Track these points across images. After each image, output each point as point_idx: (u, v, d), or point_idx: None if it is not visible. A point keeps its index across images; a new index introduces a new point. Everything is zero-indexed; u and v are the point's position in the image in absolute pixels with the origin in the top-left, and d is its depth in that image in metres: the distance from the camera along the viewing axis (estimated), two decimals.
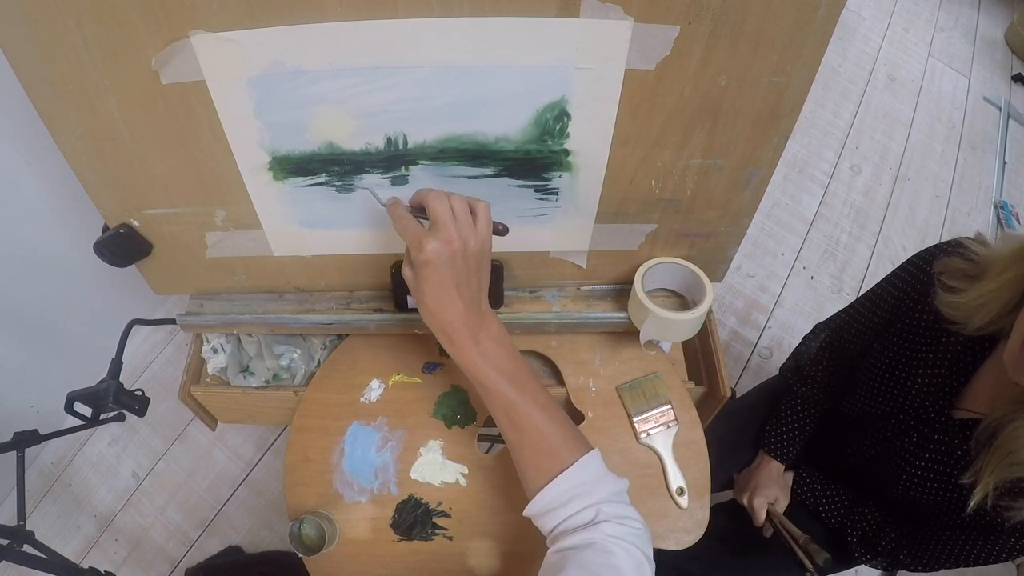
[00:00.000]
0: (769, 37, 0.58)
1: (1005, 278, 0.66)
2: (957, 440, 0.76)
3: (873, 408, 0.87)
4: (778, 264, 1.92)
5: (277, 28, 0.57)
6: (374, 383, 0.91)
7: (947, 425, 0.77)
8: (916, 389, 0.80)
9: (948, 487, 0.78)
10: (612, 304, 0.88)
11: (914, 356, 0.80)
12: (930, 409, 0.79)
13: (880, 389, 0.85)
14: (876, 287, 0.90)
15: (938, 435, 0.78)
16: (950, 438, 0.77)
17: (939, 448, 0.78)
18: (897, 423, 0.83)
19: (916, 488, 0.81)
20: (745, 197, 0.76)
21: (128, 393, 0.95)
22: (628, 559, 0.55)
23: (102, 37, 0.57)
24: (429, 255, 0.57)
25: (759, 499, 0.98)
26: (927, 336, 0.79)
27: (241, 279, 0.86)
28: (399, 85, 0.62)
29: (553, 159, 0.70)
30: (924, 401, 0.79)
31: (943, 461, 0.78)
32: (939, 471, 0.78)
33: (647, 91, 0.63)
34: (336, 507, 0.83)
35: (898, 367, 0.82)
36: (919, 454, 0.80)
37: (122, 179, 0.71)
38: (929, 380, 0.78)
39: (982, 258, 0.71)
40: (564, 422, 0.64)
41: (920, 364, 0.80)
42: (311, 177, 0.71)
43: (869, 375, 0.87)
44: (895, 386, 0.83)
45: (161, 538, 1.46)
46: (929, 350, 0.79)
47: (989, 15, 2.72)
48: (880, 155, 2.18)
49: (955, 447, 0.76)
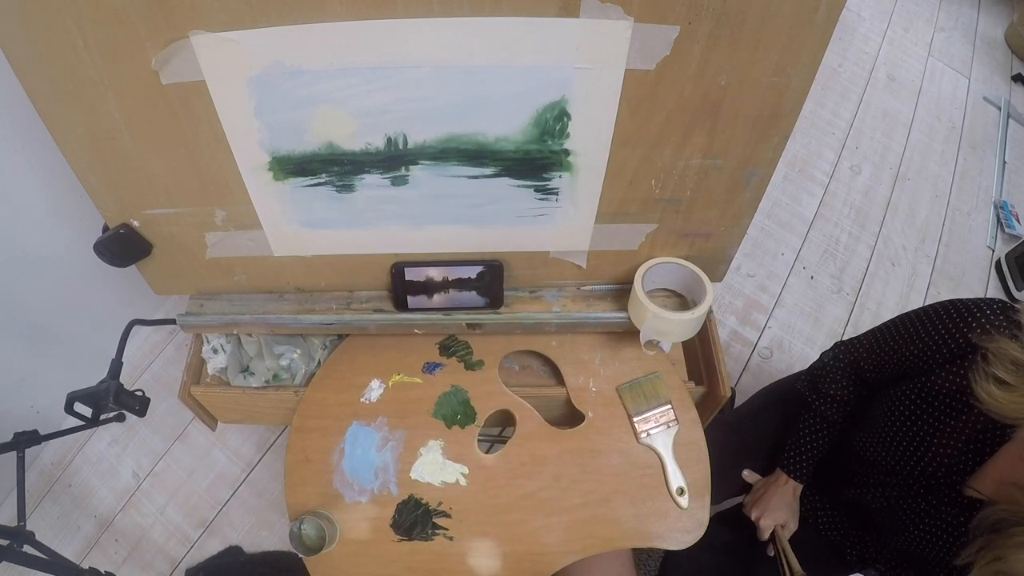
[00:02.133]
0: (769, 37, 0.58)
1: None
2: (962, 518, 0.73)
3: (884, 461, 0.83)
4: (778, 264, 1.92)
5: (277, 28, 0.57)
6: (374, 383, 0.91)
7: (956, 500, 0.74)
8: (930, 457, 0.76)
9: (948, 556, 0.75)
10: (612, 304, 0.88)
11: (932, 422, 0.75)
12: (942, 481, 0.76)
13: (893, 445, 0.81)
14: (904, 326, 0.82)
15: (946, 507, 0.76)
16: (958, 512, 0.74)
17: (946, 519, 0.76)
18: (907, 486, 0.81)
19: (919, 547, 0.80)
20: (745, 197, 0.76)
21: (128, 393, 0.95)
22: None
23: (102, 37, 0.57)
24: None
25: (767, 520, 0.95)
26: (950, 405, 0.73)
27: (241, 279, 0.86)
28: (399, 85, 0.62)
29: (553, 159, 0.70)
30: (937, 471, 0.76)
31: (948, 532, 0.76)
32: (944, 539, 0.76)
33: (647, 91, 0.63)
34: (336, 507, 0.83)
35: (914, 428, 0.78)
36: (926, 520, 0.78)
37: (122, 179, 0.71)
38: (945, 451, 0.74)
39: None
40: None
41: (937, 432, 0.75)
42: (311, 177, 0.71)
43: (883, 424, 0.83)
44: (909, 448, 0.79)
45: (161, 538, 1.46)
46: (950, 420, 0.73)
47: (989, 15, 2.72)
48: (880, 155, 2.18)
49: (959, 523, 0.74)
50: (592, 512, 0.84)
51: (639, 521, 0.83)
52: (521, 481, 0.85)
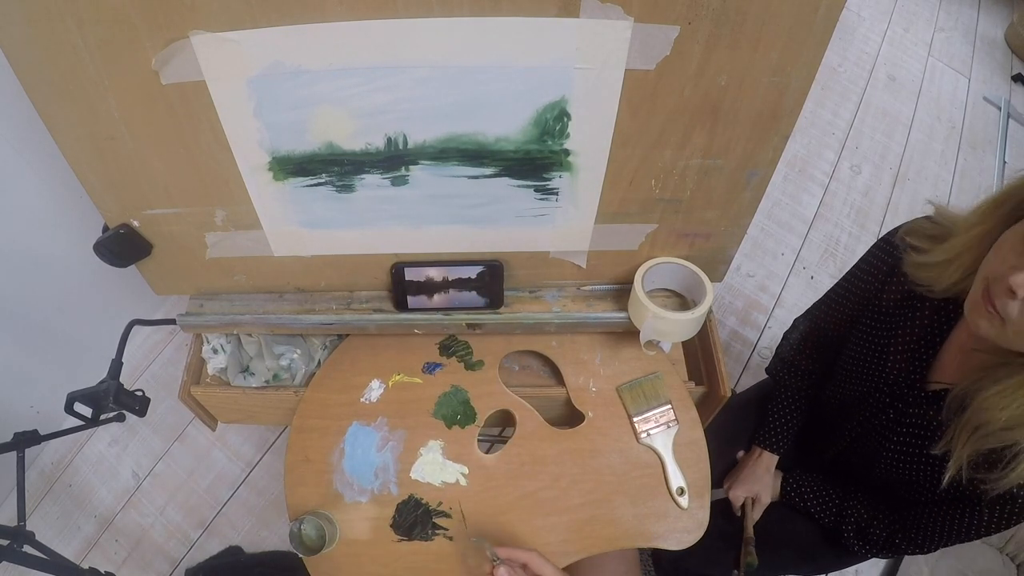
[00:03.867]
0: (769, 37, 0.58)
1: (972, 234, 0.66)
2: (931, 412, 0.76)
3: (852, 391, 0.88)
4: (778, 264, 1.92)
5: (277, 28, 0.57)
6: (374, 383, 0.91)
7: (920, 398, 0.77)
8: (890, 366, 0.81)
9: (925, 461, 0.78)
10: (612, 304, 0.88)
11: (887, 334, 0.81)
12: (903, 384, 0.79)
13: (858, 371, 0.86)
14: (848, 273, 0.91)
15: (912, 408, 0.78)
16: (924, 410, 0.77)
17: (914, 422, 0.78)
18: (875, 402, 0.84)
19: (895, 465, 0.81)
20: (745, 197, 0.76)
21: (128, 393, 0.95)
22: None
23: (102, 37, 0.57)
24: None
25: (737, 492, 1.00)
26: (898, 313, 0.80)
27: (241, 279, 0.86)
28: (399, 85, 0.62)
29: (553, 159, 0.70)
30: (898, 377, 0.80)
31: (919, 435, 0.78)
32: (915, 444, 0.78)
33: (647, 91, 0.63)
34: (336, 507, 0.83)
35: (873, 347, 0.83)
36: (896, 429, 0.80)
37: (122, 179, 0.71)
38: (901, 356, 0.79)
39: (947, 220, 0.72)
40: None
41: (893, 341, 0.80)
42: (311, 177, 0.71)
43: (848, 361, 0.88)
44: (871, 366, 0.84)
45: (161, 538, 1.46)
46: (900, 326, 0.79)
47: (989, 15, 2.72)
48: (880, 155, 2.18)
49: (929, 419, 0.76)
50: (592, 512, 0.84)
51: (639, 521, 0.83)
52: (521, 481, 0.85)
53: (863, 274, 0.87)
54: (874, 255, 0.85)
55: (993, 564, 1.38)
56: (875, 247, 0.85)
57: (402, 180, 0.71)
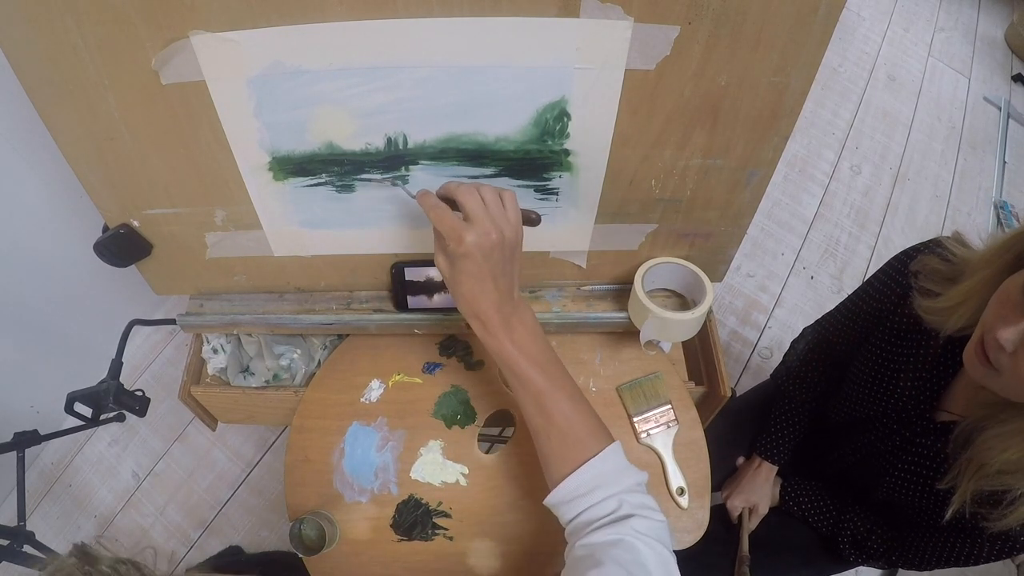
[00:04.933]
0: (769, 37, 0.58)
1: (978, 278, 0.65)
2: (939, 444, 0.75)
3: (859, 413, 0.87)
4: (778, 264, 1.92)
5: (277, 28, 0.57)
6: (374, 383, 0.91)
7: (929, 428, 0.77)
8: (900, 391, 0.79)
9: (929, 490, 0.77)
10: (612, 304, 0.88)
11: (898, 359, 0.80)
12: (912, 412, 0.78)
13: (866, 393, 0.85)
14: (859, 289, 0.90)
15: (920, 438, 0.78)
16: (932, 441, 0.76)
17: (921, 451, 0.78)
18: (882, 426, 0.83)
19: (899, 491, 0.81)
20: (745, 197, 0.76)
21: (128, 393, 0.95)
22: (654, 557, 0.56)
23: (102, 37, 0.57)
24: (469, 248, 0.57)
25: (735, 501, 1.00)
26: (910, 338, 0.78)
27: (241, 279, 0.86)
28: (399, 85, 0.62)
29: (553, 159, 0.70)
30: (907, 404, 0.79)
31: (925, 464, 0.77)
32: (921, 474, 0.78)
33: (647, 91, 0.63)
34: (336, 507, 0.83)
35: (883, 371, 0.82)
36: (902, 456, 0.80)
37: (122, 179, 0.71)
38: (912, 383, 0.78)
39: (959, 259, 0.70)
40: (591, 413, 0.65)
41: (904, 367, 0.79)
42: (311, 177, 0.71)
43: (856, 380, 0.87)
44: (880, 389, 0.82)
45: (161, 538, 1.46)
46: (912, 352, 0.78)
47: (989, 15, 2.72)
48: (880, 155, 2.18)
49: (937, 451, 0.76)
50: None
51: None
52: (521, 481, 0.85)
53: (876, 292, 0.85)
54: (888, 275, 0.83)
55: (993, 564, 1.38)
56: (889, 267, 0.83)
57: (402, 180, 0.71)
